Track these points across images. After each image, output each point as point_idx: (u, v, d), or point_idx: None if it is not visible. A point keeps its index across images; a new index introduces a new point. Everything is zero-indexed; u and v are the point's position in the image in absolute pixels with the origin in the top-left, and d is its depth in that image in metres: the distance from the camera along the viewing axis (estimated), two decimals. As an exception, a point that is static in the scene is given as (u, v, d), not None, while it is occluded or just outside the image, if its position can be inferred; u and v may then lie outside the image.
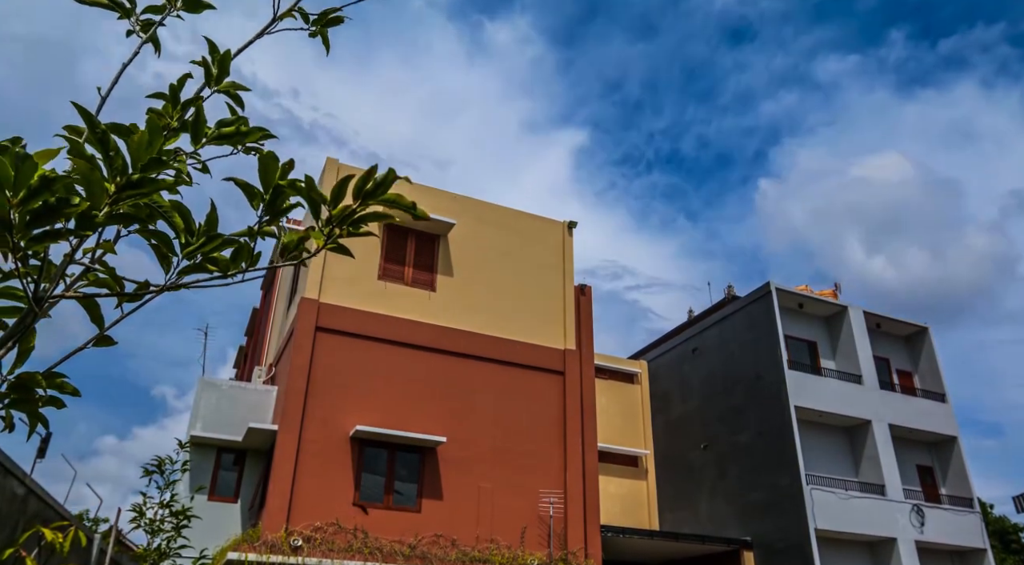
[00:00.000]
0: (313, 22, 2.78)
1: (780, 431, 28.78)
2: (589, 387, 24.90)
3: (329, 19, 2.81)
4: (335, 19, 2.81)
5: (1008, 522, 52.09)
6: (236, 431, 21.79)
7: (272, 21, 2.63)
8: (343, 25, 2.80)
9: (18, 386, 2.12)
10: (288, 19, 2.68)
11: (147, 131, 1.96)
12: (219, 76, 2.51)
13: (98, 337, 2.23)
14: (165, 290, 2.15)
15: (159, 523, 13.28)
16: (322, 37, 2.82)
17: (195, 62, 2.50)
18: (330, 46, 2.85)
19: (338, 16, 2.80)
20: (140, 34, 2.59)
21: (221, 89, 2.53)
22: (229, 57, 2.51)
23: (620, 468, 32.43)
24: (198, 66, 2.51)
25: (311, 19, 2.78)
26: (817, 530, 26.73)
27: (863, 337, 32.29)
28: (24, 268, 1.98)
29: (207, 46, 2.51)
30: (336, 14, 2.80)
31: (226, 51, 2.50)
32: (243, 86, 2.56)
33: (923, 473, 32.55)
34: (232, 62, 2.51)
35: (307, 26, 2.77)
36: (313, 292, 22.15)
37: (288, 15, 2.66)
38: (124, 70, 2.44)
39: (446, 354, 23.22)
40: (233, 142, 2.40)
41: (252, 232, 2.21)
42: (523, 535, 21.89)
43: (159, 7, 2.60)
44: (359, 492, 20.76)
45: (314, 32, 2.79)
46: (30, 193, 1.83)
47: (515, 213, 26.46)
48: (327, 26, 2.81)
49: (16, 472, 10.29)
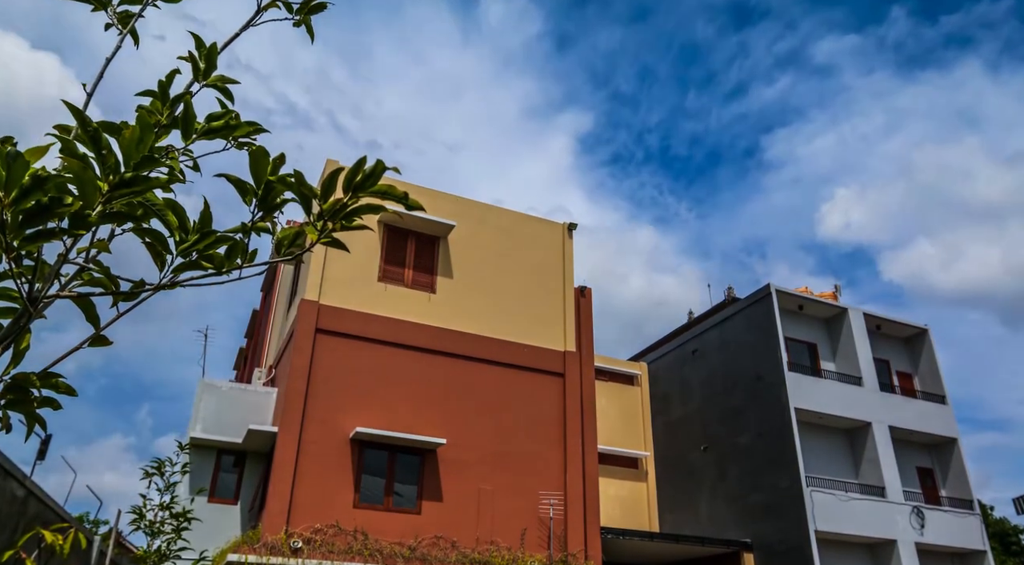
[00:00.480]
0: (296, 10, 2.75)
1: (780, 433, 28.77)
2: (589, 389, 24.91)
3: (312, 6, 2.76)
4: (318, 6, 2.77)
5: (1008, 524, 52.12)
6: (236, 433, 21.79)
7: (256, 13, 2.61)
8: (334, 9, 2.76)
9: (14, 387, 2.11)
10: (272, 9, 2.66)
11: (138, 128, 1.95)
12: (207, 70, 2.49)
13: (94, 337, 2.22)
14: (160, 288, 2.14)
15: (159, 525, 13.29)
16: (306, 26, 2.78)
17: (182, 57, 2.48)
18: (314, 34, 2.81)
19: (321, 3, 2.77)
20: (119, 27, 2.57)
21: (210, 83, 2.51)
22: (216, 51, 2.49)
23: (620, 470, 32.44)
24: (185, 61, 2.49)
25: (294, 8, 2.74)
26: (817, 532, 26.72)
27: (863, 339, 32.29)
28: (18, 268, 1.97)
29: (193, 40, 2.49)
30: (318, 1, 2.76)
31: (212, 45, 2.49)
32: (232, 79, 2.54)
33: (923, 475, 32.53)
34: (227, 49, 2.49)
35: (291, 16, 2.74)
36: (313, 294, 22.16)
37: (272, 5, 2.64)
38: (108, 65, 2.43)
39: (446, 356, 23.22)
40: (224, 136, 2.39)
41: (246, 228, 2.20)
42: (523, 537, 21.88)
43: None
44: (359, 494, 20.76)
45: (298, 22, 2.75)
46: (22, 192, 1.82)
47: (515, 215, 26.47)
48: (310, 13, 2.77)
49: (16, 474, 10.28)
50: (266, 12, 2.63)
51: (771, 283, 31.44)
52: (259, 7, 2.61)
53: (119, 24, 2.56)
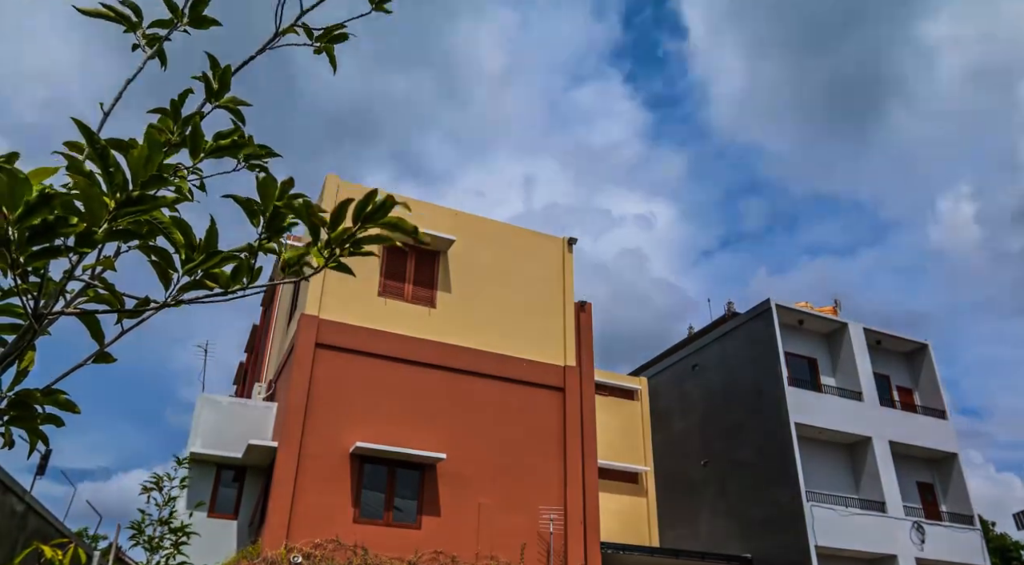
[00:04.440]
0: (317, 38, 2.71)
1: (780, 448, 28.76)
2: (589, 403, 24.88)
3: (334, 35, 2.72)
4: (340, 35, 2.72)
5: (1009, 539, 52.00)
6: (236, 448, 21.74)
7: (274, 36, 2.61)
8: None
9: (17, 403, 2.11)
10: (291, 34, 2.65)
11: (147, 146, 1.96)
12: (219, 91, 2.50)
13: (97, 354, 2.22)
14: (165, 306, 2.15)
15: (158, 540, 13.25)
16: (328, 55, 2.74)
17: (196, 77, 2.49)
18: (337, 65, 2.77)
19: (343, 33, 2.72)
20: (145, 48, 2.58)
21: (222, 104, 2.52)
22: (229, 72, 2.50)
23: (620, 485, 32.33)
24: (199, 81, 2.51)
25: (315, 35, 2.70)
26: (817, 547, 26.67)
27: (863, 354, 32.30)
28: (24, 285, 1.97)
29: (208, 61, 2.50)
30: (340, 31, 2.72)
31: (226, 66, 2.50)
32: (244, 101, 2.54)
33: (923, 490, 32.49)
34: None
35: (311, 42, 2.70)
36: (313, 308, 22.16)
37: (291, 31, 2.64)
38: (128, 86, 2.44)
39: (446, 370, 23.20)
40: (232, 154, 2.39)
41: (252, 248, 2.21)
42: (523, 552, 21.82)
43: (166, 21, 2.58)
44: (359, 509, 20.72)
45: (319, 49, 2.72)
46: (28, 209, 1.83)
47: (515, 229, 26.50)
48: (332, 42, 2.73)
49: (15, 489, 10.26)
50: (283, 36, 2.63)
51: (771, 298, 31.48)
52: (277, 31, 2.61)
53: (147, 46, 2.58)
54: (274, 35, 2.61)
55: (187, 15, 2.58)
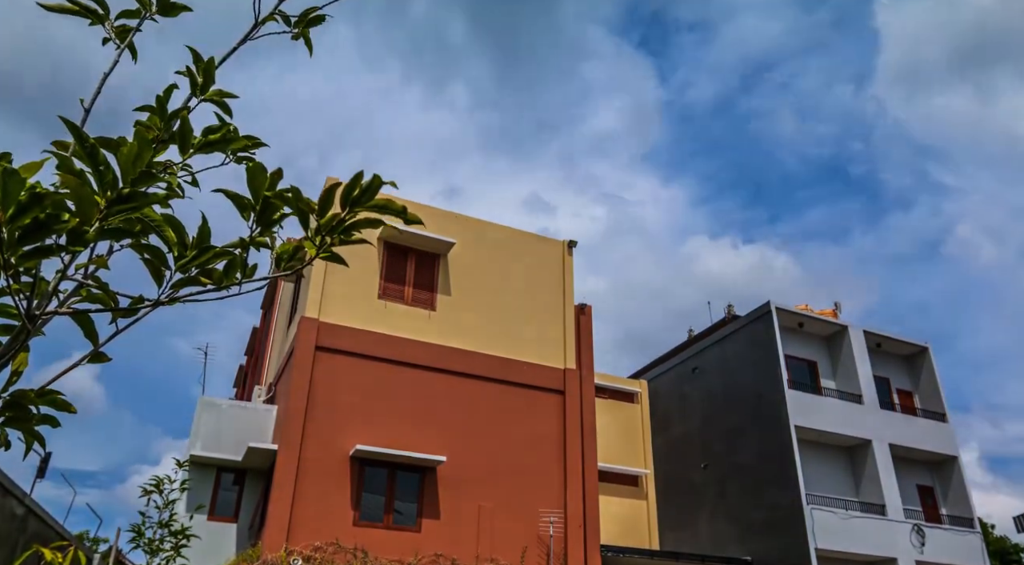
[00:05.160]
0: (295, 23, 2.71)
1: (780, 451, 28.73)
2: (589, 406, 24.85)
3: (310, 19, 2.72)
4: (316, 18, 2.73)
5: (1008, 542, 51.97)
6: (236, 451, 21.73)
7: (254, 27, 2.59)
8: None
9: (12, 404, 2.11)
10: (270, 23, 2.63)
11: (136, 144, 1.95)
12: (204, 85, 2.49)
13: (92, 354, 2.22)
14: (159, 304, 2.14)
15: (158, 543, 13.22)
16: (304, 39, 2.74)
17: (179, 72, 2.48)
18: (312, 48, 2.77)
19: (319, 15, 2.73)
20: (116, 41, 2.56)
21: (207, 98, 2.51)
22: (213, 65, 2.48)
23: (620, 488, 32.30)
24: (183, 76, 2.49)
25: (291, 21, 2.70)
26: (817, 550, 26.64)
27: (863, 357, 32.27)
28: (16, 285, 1.97)
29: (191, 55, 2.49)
30: (317, 13, 2.73)
31: (210, 59, 2.48)
32: (230, 93, 2.53)
33: (923, 493, 32.45)
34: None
35: (289, 29, 2.70)
36: (313, 311, 22.14)
37: (270, 19, 2.63)
38: (105, 80, 2.43)
39: (446, 373, 23.17)
40: (221, 149, 2.38)
41: (244, 243, 2.20)
42: (523, 555, 21.80)
43: (134, 11, 2.56)
44: (359, 511, 20.70)
45: (296, 35, 2.72)
46: (20, 209, 1.82)
47: (515, 232, 26.48)
48: (308, 26, 2.73)
49: (15, 492, 10.25)
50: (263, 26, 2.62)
51: (771, 301, 31.46)
52: (256, 21, 2.60)
53: (116, 39, 2.56)
54: (254, 25, 2.60)
55: (155, 4, 2.56)
